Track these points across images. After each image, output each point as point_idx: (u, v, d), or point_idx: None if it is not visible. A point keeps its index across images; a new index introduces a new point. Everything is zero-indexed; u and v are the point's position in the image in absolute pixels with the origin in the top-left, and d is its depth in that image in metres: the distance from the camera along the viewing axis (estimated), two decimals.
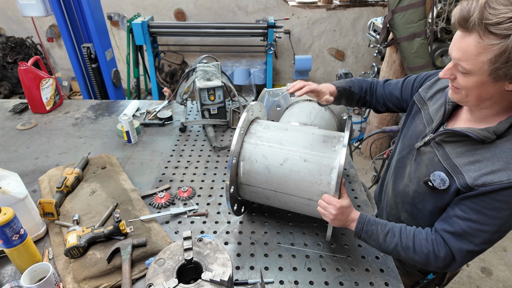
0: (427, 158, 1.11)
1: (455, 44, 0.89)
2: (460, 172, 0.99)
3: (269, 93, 2.03)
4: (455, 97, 0.99)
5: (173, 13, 4.95)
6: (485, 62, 0.84)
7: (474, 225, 0.97)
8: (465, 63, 0.87)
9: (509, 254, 2.75)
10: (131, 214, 1.36)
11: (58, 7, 3.04)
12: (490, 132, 0.94)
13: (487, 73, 0.85)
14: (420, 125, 1.20)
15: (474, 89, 0.91)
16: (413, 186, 1.17)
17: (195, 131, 2.11)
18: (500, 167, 0.92)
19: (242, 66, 4.84)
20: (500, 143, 0.94)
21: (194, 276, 1.06)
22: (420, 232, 1.08)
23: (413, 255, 1.05)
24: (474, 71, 0.87)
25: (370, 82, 1.41)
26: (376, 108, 1.43)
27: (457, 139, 1.03)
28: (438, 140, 1.08)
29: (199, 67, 2.12)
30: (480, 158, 0.96)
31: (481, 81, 0.88)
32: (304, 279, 1.17)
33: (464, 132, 0.98)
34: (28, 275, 1.05)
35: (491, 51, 0.82)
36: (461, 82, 0.92)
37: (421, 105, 1.22)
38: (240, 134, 1.24)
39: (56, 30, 5.11)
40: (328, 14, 4.86)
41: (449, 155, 1.03)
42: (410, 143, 1.22)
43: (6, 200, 1.19)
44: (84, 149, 1.91)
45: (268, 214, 1.46)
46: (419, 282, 1.45)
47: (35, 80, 2.18)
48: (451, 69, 0.95)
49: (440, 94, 1.17)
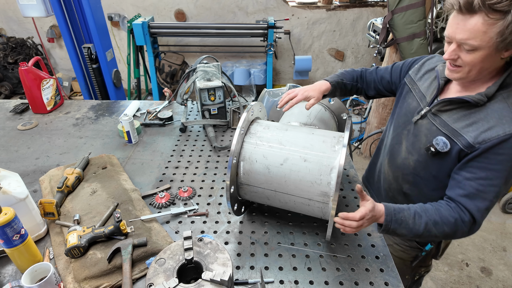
0: (425, 129, 1.23)
1: (459, 27, 0.99)
2: (460, 135, 1.10)
3: (269, 93, 2.03)
4: (455, 76, 1.10)
5: (173, 14, 4.96)
6: (493, 37, 0.95)
7: (484, 182, 1.06)
8: (473, 41, 0.98)
9: (509, 254, 2.75)
10: (132, 214, 1.36)
11: (59, 7, 3.04)
12: (482, 95, 1.07)
13: (495, 46, 0.97)
14: (413, 103, 1.32)
15: (478, 63, 1.02)
16: (413, 157, 1.28)
17: (196, 131, 2.11)
18: (494, 124, 1.04)
19: (242, 66, 4.85)
20: (490, 105, 1.08)
21: (195, 275, 1.06)
22: (439, 205, 1.13)
23: (442, 228, 1.09)
24: (482, 46, 0.98)
25: (359, 71, 1.52)
26: (367, 93, 1.53)
27: (452, 107, 1.16)
28: (434, 111, 1.21)
29: (200, 67, 2.12)
30: (476, 120, 1.09)
31: (486, 54, 0.99)
32: (304, 279, 1.17)
33: (461, 98, 1.11)
34: (29, 275, 1.06)
35: (497, 26, 0.94)
36: (467, 59, 1.02)
37: (411, 86, 1.36)
38: (240, 134, 1.24)
39: (57, 30, 5.12)
40: (328, 14, 4.86)
41: (447, 122, 1.16)
42: (405, 119, 1.34)
43: (7, 200, 1.20)
44: (84, 149, 1.92)
45: (268, 214, 1.47)
46: (417, 256, 1.51)
47: (36, 80, 2.19)
48: (455, 50, 1.04)
49: (428, 75, 1.30)
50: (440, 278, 2.56)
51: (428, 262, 1.56)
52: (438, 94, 1.23)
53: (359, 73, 1.51)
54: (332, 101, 1.75)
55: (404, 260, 1.54)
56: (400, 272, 1.18)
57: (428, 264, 1.58)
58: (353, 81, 1.48)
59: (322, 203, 1.20)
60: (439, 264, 2.67)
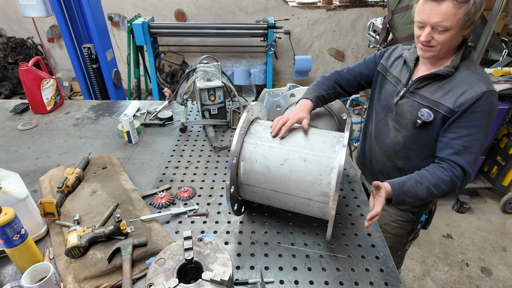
0: (407, 107, 1.38)
1: (433, 12, 1.16)
2: (440, 103, 1.28)
3: (269, 93, 2.03)
4: (428, 54, 1.27)
5: (173, 14, 4.96)
6: (461, 17, 1.14)
7: (468, 138, 1.23)
8: (446, 22, 1.15)
9: (509, 254, 2.75)
10: (132, 214, 1.36)
11: (59, 7, 3.04)
12: (450, 67, 1.27)
13: (462, 25, 1.16)
14: (390, 87, 1.48)
15: (448, 42, 1.21)
16: (402, 133, 1.43)
17: (196, 131, 2.11)
18: (466, 88, 1.24)
19: (242, 66, 4.85)
20: (458, 74, 1.27)
21: (195, 275, 1.06)
22: (433, 168, 1.25)
23: (441, 187, 1.22)
24: (453, 26, 1.16)
25: (332, 77, 1.60)
26: (349, 91, 1.63)
27: (427, 83, 1.33)
28: (412, 89, 1.37)
29: (200, 67, 2.12)
30: (450, 88, 1.27)
31: (454, 33, 1.18)
32: (304, 279, 1.17)
33: (434, 72, 1.29)
34: (29, 275, 1.06)
35: (464, 7, 1.12)
36: (440, 39, 1.20)
37: (385, 73, 1.51)
38: (240, 134, 1.24)
39: (57, 30, 5.12)
40: (328, 14, 4.86)
41: (425, 96, 1.33)
42: (386, 103, 1.49)
43: (7, 200, 1.20)
44: (84, 149, 1.92)
45: (268, 214, 1.47)
46: (413, 230, 1.68)
47: (36, 80, 2.19)
48: (430, 32, 1.21)
49: (397, 61, 1.48)
50: (440, 278, 2.56)
51: (418, 233, 1.74)
52: (411, 75, 1.40)
53: (332, 80, 1.58)
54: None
55: (401, 236, 1.70)
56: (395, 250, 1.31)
57: (417, 235, 1.76)
58: (329, 89, 1.55)
59: (322, 203, 1.20)
60: (439, 264, 2.67)
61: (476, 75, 1.25)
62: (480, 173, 3.32)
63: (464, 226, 3.04)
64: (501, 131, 3.04)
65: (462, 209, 3.15)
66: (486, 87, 1.22)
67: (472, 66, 1.28)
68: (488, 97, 1.21)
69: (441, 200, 3.31)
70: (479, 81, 1.23)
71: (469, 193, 3.29)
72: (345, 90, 1.60)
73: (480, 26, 3.29)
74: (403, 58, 1.44)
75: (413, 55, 1.42)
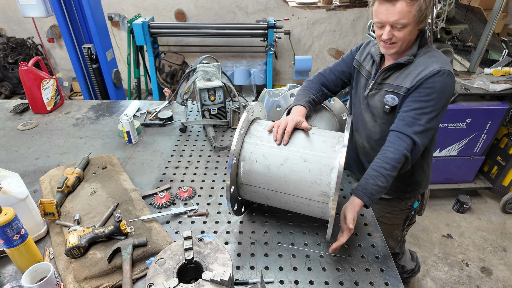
0: (377, 96, 1.49)
1: (389, 12, 1.26)
2: (401, 86, 1.39)
3: (269, 93, 2.03)
4: (391, 51, 1.37)
5: (173, 14, 4.96)
6: (415, 14, 1.25)
7: (417, 111, 1.32)
8: (403, 20, 1.26)
9: (509, 254, 2.75)
10: (132, 214, 1.36)
11: (59, 7, 3.04)
12: (410, 55, 1.38)
13: (416, 20, 1.27)
14: (363, 81, 1.57)
15: (407, 37, 1.32)
16: (378, 123, 1.53)
17: (196, 131, 2.11)
18: (422, 69, 1.34)
19: (242, 66, 4.84)
20: (416, 60, 1.39)
21: (195, 275, 1.06)
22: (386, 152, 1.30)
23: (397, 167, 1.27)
24: (409, 23, 1.27)
25: (317, 80, 1.65)
26: (334, 91, 1.69)
27: (391, 72, 1.44)
28: (379, 80, 1.48)
29: (200, 67, 2.12)
30: (409, 72, 1.38)
31: (411, 28, 1.30)
32: (304, 279, 1.17)
33: (395, 62, 1.40)
34: (29, 275, 1.06)
35: (416, 4, 1.24)
36: (400, 35, 1.31)
37: (359, 68, 1.60)
38: (240, 134, 1.24)
39: (57, 30, 5.12)
40: (328, 14, 4.86)
41: (390, 83, 1.44)
42: (360, 97, 1.59)
43: (7, 200, 1.20)
44: (84, 149, 1.92)
45: (268, 214, 1.47)
46: (408, 217, 1.78)
47: (36, 80, 2.19)
48: (390, 31, 1.31)
49: (368, 57, 1.56)
50: (440, 278, 2.56)
51: (414, 219, 1.84)
52: (378, 68, 1.50)
53: (318, 82, 1.64)
54: (332, 101, 1.75)
55: (397, 224, 1.80)
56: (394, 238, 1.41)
57: (414, 221, 1.86)
58: (317, 92, 1.60)
59: (322, 203, 1.20)
60: (439, 264, 2.67)
61: (432, 58, 1.36)
62: (480, 173, 3.32)
63: (464, 226, 3.04)
64: (501, 131, 3.04)
65: (462, 209, 3.15)
66: (439, 66, 1.31)
67: (429, 51, 1.39)
68: (441, 75, 1.30)
69: (441, 200, 3.31)
70: (434, 62, 1.34)
71: (469, 193, 3.29)
72: (331, 90, 1.66)
73: (480, 26, 3.29)
74: (370, 53, 1.55)
75: (379, 49, 1.50)
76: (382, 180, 1.24)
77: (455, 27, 2.95)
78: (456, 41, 3.53)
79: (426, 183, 1.70)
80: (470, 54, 3.30)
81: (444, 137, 2.90)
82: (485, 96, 2.79)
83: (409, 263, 2.23)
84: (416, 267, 2.28)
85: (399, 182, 1.62)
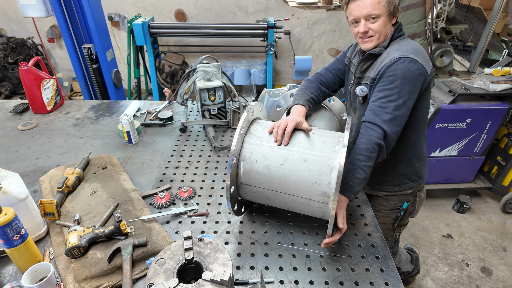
0: (357, 90, 1.52)
1: (360, 6, 1.34)
2: (369, 77, 1.45)
3: (269, 93, 2.03)
4: (370, 45, 1.43)
5: (173, 14, 4.96)
6: (385, 4, 1.33)
7: (383, 100, 1.34)
8: (375, 11, 1.33)
9: (509, 254, 2.75)
10: (132, 214, 1.36)
11: (59, 7, 3.04)
12: (381, 47, 1.43)
13: (388, 12, 1.35)
14: (351, 77, 1.60)
15: (382, 29, 1.37)
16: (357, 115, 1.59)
17: (196, 131, 2.11)
18: (385, 58, 1.38)
19: (242, 66, 4.84)
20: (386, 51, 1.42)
21: (195, 276, 1.06)
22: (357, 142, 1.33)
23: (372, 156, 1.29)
24: (381, 13, 1.34)
25: (316, 79, 1.67)
26: (333, 89, 1.71)
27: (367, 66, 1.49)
28: (358, 74, 1.53)
29: (200, 67, 2.12)
30: (377, 62, 1.43)
31: (385, 20, 1.36)
32: (304, 279, 1.17)
33: (368, 53, 1.45)
34: (29, 275, 1.06)
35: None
36: (374, 27, 1.37)
37: (349, 65, 1.64)
38: (240, 134, 1.24)
39: (57, 30, 5.12)
40: (328, 14, 4.86)
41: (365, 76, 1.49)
42: (347, 93, 1.64)
43: (7, 200, 1.20)
44: (85, 149, 1.92)
45: (268, 214, 1.47)
46: (397, 217, 1.77)
47: (36, 80, 2.19)
48: (365, 24, 1.37)
49: (356, 53, 1.59)
50: (440, 278, 2.56)
51: (405, 220, 1.83)
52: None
53: (315, 82, 1.65)
54: (332, 101, 1.75)
55: (387, 224, 1.79)
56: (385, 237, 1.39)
57: (406, 222, 1.85)
58: (316, 91, 1.61)
59: (322, 203, 1.20)
60: (439, 264, 2.67)
61: (396, 47, 1.39)
62: (480, 173, 3.32)
63: (464, 226, 3.04)
64: (501, 131, 3.04)
65: (462, 209, 3.15)
66: (399, 54, 1.34)
67: (399, 42, 1.42)
68: (401, 62, 1.33)
69: (441, 200, 3.31)
70: (396, 50, 1.37)
71: (469, 193, 3.29)
72: (329, 88, 1.69)
73: (480, 26, 3.29)
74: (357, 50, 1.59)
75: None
76: (359, 172, 1.27)
77: (455, 27, 2.95)
78: (456, 41, 3.53)
79: (417, 179, 1.66)
80: (470, 54, 3.30)
81: (444, 137, 2.90)
82: (485, 96, 2.79)
83: (406, 265, 2.21)
84: (413, 271, 2.26)
85: (384, 175, 1.65)
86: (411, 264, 2.25)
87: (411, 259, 2.26)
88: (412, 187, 1.67)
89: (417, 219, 3.09)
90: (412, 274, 2.29)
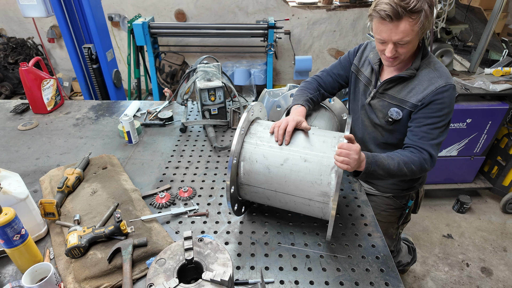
0: (379, 106, 1.51)
1: (393, 32, 1.26)
2: (406, 101, 1.42)
3: (269, 93, 2.03)
4: (395, 64, 1.39)
5: (173, 14, 4.96)
6: (418, 30, 1.26)
7: (429, 126, 1.37)
8: (407, 38, 1.26)
9: (509, 254, 2.75)
10: (132, 214, 1.36)
11: (59, 8, 3.04)
12: (412, 69, 1.41)
13: (418, 36, 1.29)
14: (362, 87, 1.59)
15: (410, 51, 1.34)
16: (378, 129, 1.57)
17: (196, 132, 2.11)
18: (427, 85, 1.38)
19: (243, 66, 4.84)
20: (419, 74, 1.41)
21: (195, 276, 1.06)
22: (403, 150, 1.39)
23: (411, 166, 1.33)
24: (413, 39, 1.28)
25: (315, 81, 1.67)
26: (331, 92, 1.71)
27: (393, 84, 1.46)
28: (381, 90, 1.49)
29: (200, 67, 2.12)
30: (413, 86, 1.41)
31: (414, 43, 1.32)
32: (304, 279, 1.17)
33: (398, 75, 1.42)
34: (29, 275, 1.06)
35: (419, 22, 1.23)
36: (403, 51, 1.32)
37: (357, 73, 1.61)
38: (240, 134, 1.24)
39: (57, 30, 5.12)
40: (328, 14, 4.86)
41: (393, 95, 1.46)
42: (360, 103, 1.61)
43: (7, 200, 1.20)
44: (85, 149, 1.92)
45: (269, 214, 1.47)
46: (402, 215, 1.82)
47: (36, 80, 2.19)
48: (394, 48, 1.31)
49: (367, 61, 1.57)
50: (441, 278, 2.56)
51: (409, 217, 1.88)
52: (378, 77, 1.52)
53: (315, 83, 1.66)
54: (332, 101, 1.75)
55: (392, 222, 1.85)
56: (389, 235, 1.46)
57: (408, 219, 1.91)
58: (315, 92, 1.62)
59: (322, 203, 1.20)
60: (439, 264, 2.67)
61: (435, 72, 1.39)
62: (480, 173, 3.31)
63: (465, 226, 3.04)
64: (501, 131, 3.04)
65: (462, 209, 3.14)
66: (445, 81, 1.36)
67: (431, 63, 1.42)
68: (447, 90, 1.35)
69: (441, 200, 3.31)
70: (438, 77, 1.37)
71: (469, 193, 3.29)
72: (328, 92, 1.69)
73: (480, 26, 3.29)
74: (368, 60, 1.56)
75: (377, 56, 1.50)
76: (392, 164, 1.29)
77: (455, 27, 2.95)
78: (456, 41, 3.53)
79: (421, 182, 1.75)
80: (470, 54, 3.30)
81: None
82: (485, 96, 2.79)
83: (405, 256, 2.30)
84: (412, 260, 2.36)
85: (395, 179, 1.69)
86: (409, 255, 2.33)
87: (408, 250, 2.35)
88: (417, 187, 1.75)
89: (417, 219, 3.09)
90: (411, 263, 2.36)
